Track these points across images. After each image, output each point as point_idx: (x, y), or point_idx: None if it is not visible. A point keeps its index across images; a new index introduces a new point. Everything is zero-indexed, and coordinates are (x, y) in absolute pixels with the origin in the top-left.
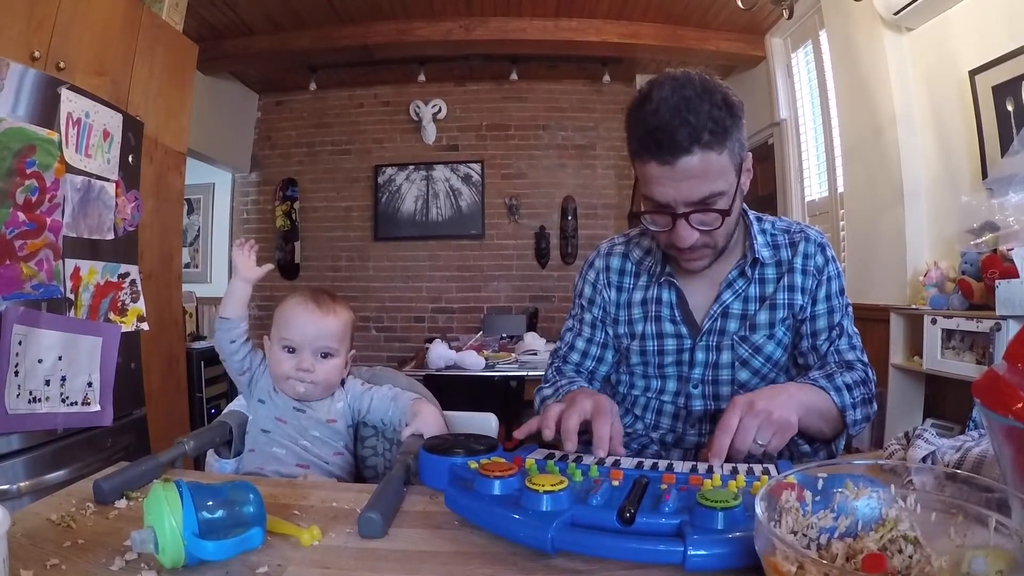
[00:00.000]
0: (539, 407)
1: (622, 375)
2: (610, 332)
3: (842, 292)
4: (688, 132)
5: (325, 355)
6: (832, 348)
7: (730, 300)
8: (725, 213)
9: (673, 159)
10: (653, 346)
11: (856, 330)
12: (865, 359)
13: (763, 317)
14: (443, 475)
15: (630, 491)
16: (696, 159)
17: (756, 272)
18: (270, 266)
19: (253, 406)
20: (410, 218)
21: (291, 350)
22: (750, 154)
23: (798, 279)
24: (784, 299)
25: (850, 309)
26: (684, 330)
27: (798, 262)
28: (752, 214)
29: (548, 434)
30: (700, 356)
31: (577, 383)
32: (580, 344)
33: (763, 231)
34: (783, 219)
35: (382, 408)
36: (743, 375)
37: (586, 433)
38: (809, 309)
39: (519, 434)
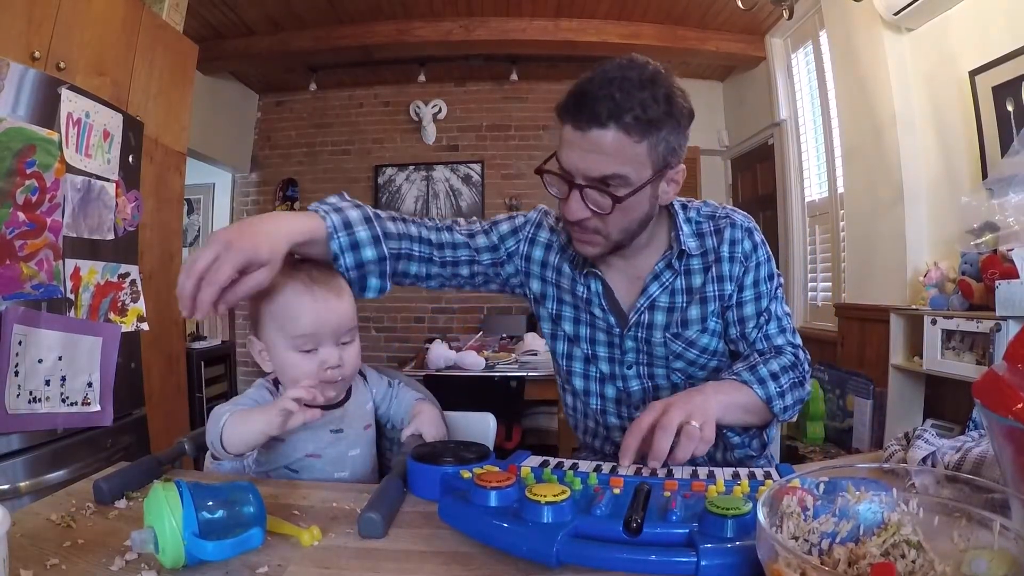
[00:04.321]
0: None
1: (560, 364)
2: (501, 273)
3: (771, 277)
4: (610, 106)
5: (346, 342)
6: (761, 335)
7: (657, 293)
8: (616, 200)
9: (587, 127)
10: (586, 333)
11: (787, 310)
12: (796, 340)
13: (694, 312)
14: (434, 485)
15: (633, 499)
16: (609, 136)
17: (683, 264)
18: (316, 414)
19: (267, 444)
20: None
21: (310, 348)
22: (683, 167)
23: (725, 268)
24: (714, 291)
25: (780, 291)
26: (612, 319)
27: (725, 250)
28: (677, 202)
29: (200, 313)
30: (630, 344)
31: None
32: (460, 238)
33: (688, 220)
34: (708, 203)
35: (385, 404)
36: (678, 364)
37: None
38: (735, 296)
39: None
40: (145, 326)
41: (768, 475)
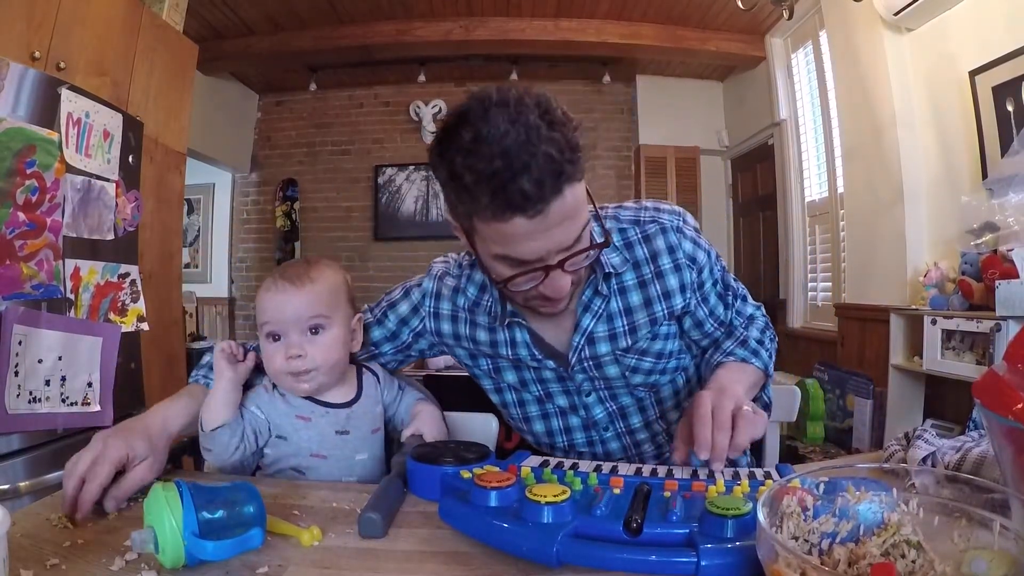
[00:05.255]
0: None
1: (514, 413)
2: (413, 353)
3: (717, 258)
4: (553, 168)
5: (315, 330)
6: (733, 312)
7: (591, 325)
8: (600, 246)
9: (545, 206)
10: (532, 376)
11: (735, 276)
12: (757, 303)
13: (642, 329)
14: (434, 485)
15: (633, 499)
16: (568, 197)
17: (611, 285)
18: (251, 359)
19: (272, 443)
20: (410, 218)
21: (276, 337)
22: None
23: (672, 281)
24: (662, 309)
25: (723, 261)
26: (551, 363)
27: (665, 262)
28: (589, 213)
29: (81, 512)
30: (581, 376)
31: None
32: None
33: (608, 232)
34: (626, 206)
35: (393, 407)
36: (637, 379)
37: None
38: (696, 295)
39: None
40: (145, 326)
41: (768, 475)
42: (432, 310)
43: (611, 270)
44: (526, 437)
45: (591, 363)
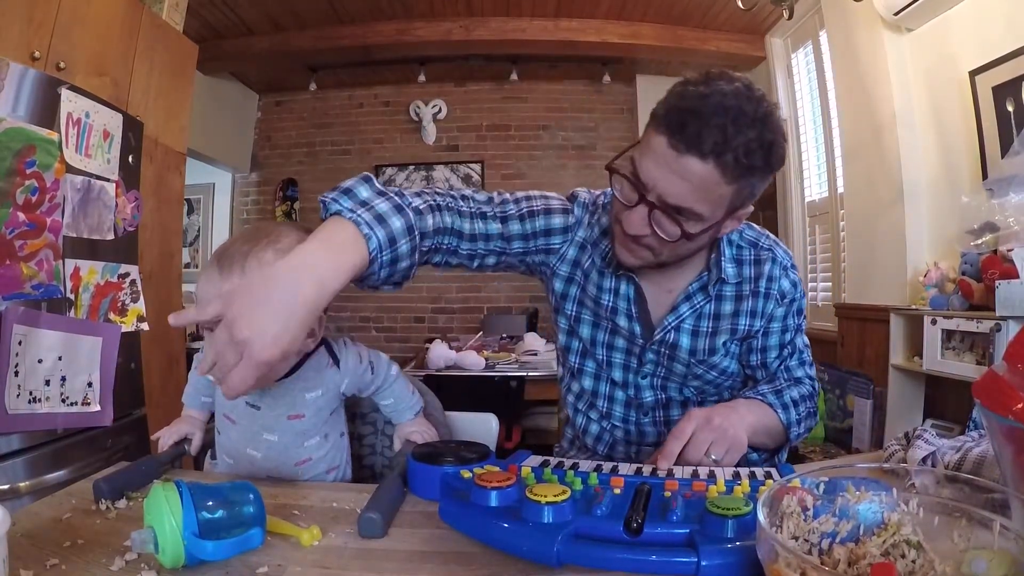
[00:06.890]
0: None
1: (573, 361)
2: (528, 260)
3: (799, 312)
4: (717, 139)
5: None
6: (782, 366)
7: (686, 314)
8: (686, 235)
9: (684, 150)
10: (603, 339)
11: (807, 342)
12: (812, 373)
13: (720, 339)
14: (434, 485)
15: (633, 499)
16: (705, 169)
17: (717, 290)
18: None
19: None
20: None
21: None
22: (752, 208)
23: (760, 304)
24: (745, 324)
25: (804, 323)
26: (638, 329)
27: (762, 285)
28: None
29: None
30: (651, 356)
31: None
32: (494, 228)
33: (730, 242)
34: (753, 228)
35: (365, 390)
36: (695, 383)
37: None
38: (763, 327)
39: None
40: (145, 326)
41: (768, 475)
42: (574, 237)
43: (724, 276)
44: (572, 385)
45: (667, 351)
